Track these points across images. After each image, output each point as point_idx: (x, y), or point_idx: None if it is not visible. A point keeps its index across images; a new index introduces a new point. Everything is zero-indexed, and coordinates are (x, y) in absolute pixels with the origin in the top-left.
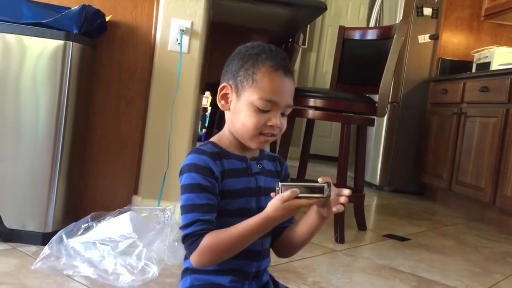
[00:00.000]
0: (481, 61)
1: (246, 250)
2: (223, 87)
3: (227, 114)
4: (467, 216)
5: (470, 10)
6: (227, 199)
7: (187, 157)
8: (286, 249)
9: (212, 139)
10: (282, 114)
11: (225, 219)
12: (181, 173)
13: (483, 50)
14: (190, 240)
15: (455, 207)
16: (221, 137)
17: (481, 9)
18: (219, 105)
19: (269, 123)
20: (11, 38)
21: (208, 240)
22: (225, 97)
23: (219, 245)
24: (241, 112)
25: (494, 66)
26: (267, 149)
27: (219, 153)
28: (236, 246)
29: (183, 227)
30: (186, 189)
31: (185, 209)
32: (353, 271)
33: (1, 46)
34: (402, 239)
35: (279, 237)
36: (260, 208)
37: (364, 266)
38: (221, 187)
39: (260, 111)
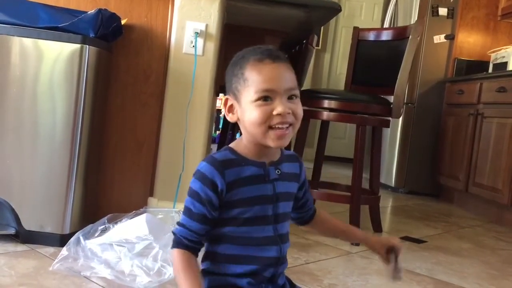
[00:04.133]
0: (498, 61)
1: (264, 257)
2: (226, 100)
3: (240, 125)
4: (485, 218)
5: (487, 10)
6: (239, 208)
7: (200, 162)
8: (312, 228)
9: (231, 144)
10: (290, 100)
11: (241, 228)
12: (193, 175)
13: (500, 50)
14: (174, 239)
15: (472, 209)
16: (239, 143)
17: (497, 8)
18: (228, 118)
19: (275, 112)
20: (28, 42)
21: (177, 257)
22: (231, 109)
23: (175, 269)
24: (246, 113)
25: (511, 66)
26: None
27: (234, 161)
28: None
29: (177, 223)
30: (189, 191)
31: (184, 209)
32: (369, 273)
33: (19, 50)
34: (418, 241)
35: (306, 220)
36: (277, 216)
37: (380, 268)
38: (230, 197)
39: (262, 104)
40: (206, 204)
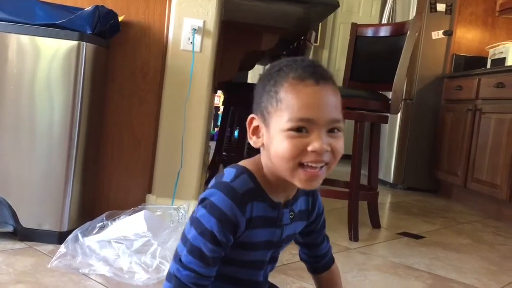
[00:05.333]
0: (496, 56)
1: (248, 280)
2: (251, 120)
3: (262, 152)
4: (483, 213)
5: (485, 6)
6: (244, 250)
7: (214, 189)
8: (315, 281)
9: (249, 165)
10: (330, 133)
11: (234, 267)
12: (201, 202)
13: (498, 45)
14: (177, 286)
15: (471, 205)
16: (258, 167)
17: (495, 4)
18: (252, 142)
19: (310, 148)
20: (25, 39)
21: None
22: (256, 131)
23: None
24: (273, 142)
25: (509, 62)
26: None
27: (253, 192)
28: None
29: (177, 263)
30: (198, 226)
31: (187, 246)
32: (368, 269)
33: (16, 47)
34: (417, 237)
35: (318, 268)
36: (272, 259)
37: (379, 264)
38: (242, 238)
39: (295, 135)
40: (222, 245)
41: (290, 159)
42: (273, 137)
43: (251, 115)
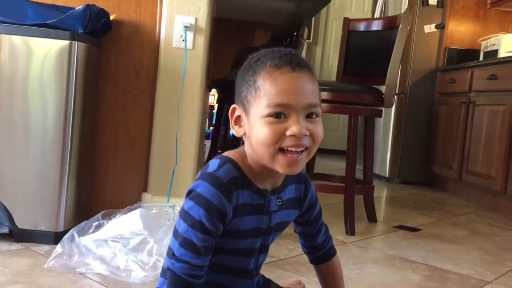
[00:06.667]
0: (489, 49)
1: (238, 268)
2: (233, 110)
3: (245, 142)
4: (479, 205)
5: None
6: (233, 238)
7: (199, 181)
8: (316, 271)
9: (234, 155)
10: (309, 118)
11: (224, 256)
12: (188, 194)
13: (490, 38)
14: (172, 279)
15: (466, 197)
16: (242, 157)
17: None
18: (234, 132)
19: (289, 133)
20: (17, 39)
21: None
22: (238, 121)
23: None
24: (254, 129)
25: (501, 54)
26: None
27: (239, 180)
28: None
29: (171, 256)
30: (187, 219)
31: (179, 240)
32: (365, 262)
33: (8, 47)
34: (413, 229)
35: (318, 258)
36: (263, 247)
37: (376, 257)
38: (230, 226)
39: (273, 121)
40: (212, 234)
41: (270, 144)
42: (253, 125)
43: (233, 105)
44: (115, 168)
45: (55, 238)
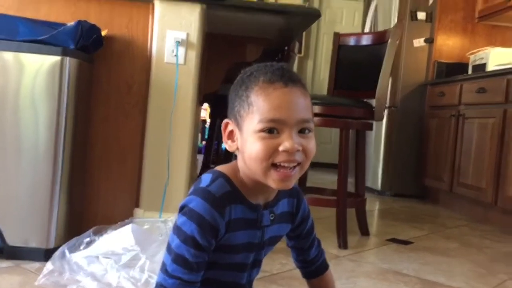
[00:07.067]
0: (477, 62)
1: (231, 282)
2: (226, 124)
3: (238, 156)
4: (470, 217)
5: (464, 13)
6: (225, 253)
7: (192, 196)
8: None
9: (226, 170)
10: (301, 134)
11: (217, 271)
12: (181, 210)
13: (478, 51)
14: None
15: (458, 209)
16: (235, 172)
17: (474, 11)
18: (227, 146)
19: (281, 148)
20: (8, 55)
21: None
22: (231, 136)
23: None
24: (246, 144)
25: (490, 67)
26: None
27: (231, 195)
28: None
29: (163, 272)
30: (180, 234)
31: (172, 255)
32: (357, 276)
33: None
34: (405, 242)
35: (310, 273)
36: (256, 261)
37: (368, 270)
38: (222, 241)
39: (267, 136)
40: (204, 249)
41: (263, 159)
42: (246, 140)
43: (226, 120)
44: (106, 183)
45: (46, 255)
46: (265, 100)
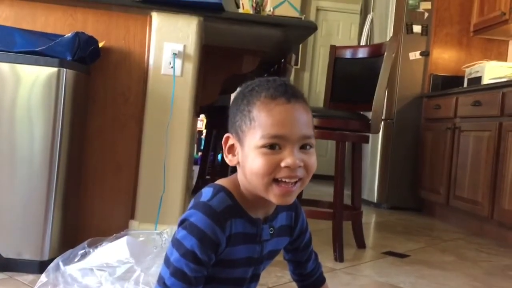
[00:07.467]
0: (472, 75)
1: None
2: (227, 139)
3: (238, 170)
4: (466, 230)
5: (459, 26)
6: (224, 268)
7: (193, 210)
8: None
9: (227, 184)
10: (303, 150)
11: (215, 285)
12: (181, 224)
13: (474, 65)
14: None
15: (454, 222)
16: (235, 186)
17: (469, 24)
18: (227, 160)
19: (283, 164)
20: (5, 67)
21: None
22: (231, 150)
23: None
24: (248, 160)
25: (485, 80)
26: None
27: (232, 209)
28: None
29: (161, 286)
30: (179, 248)
31: (170, 269)
32: None
33: None
34: (401, 255)
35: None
36: (254, 275)
37: (364, 284)
38: (222, 255)
39: (269, 152)
40: (204, 264)
41: (264, 175)
42: (247, 155)
43: (227, 134)
44: (102, 195)
45: (40, 267)
46: (267, 115)
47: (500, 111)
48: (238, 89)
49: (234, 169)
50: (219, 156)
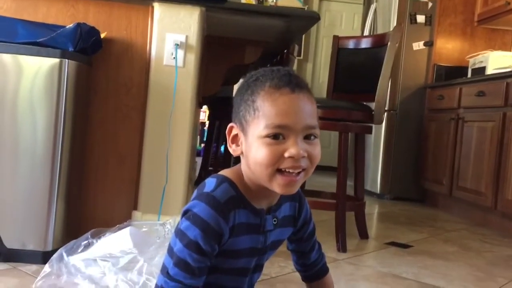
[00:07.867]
0: (476, 66)
1: (233, 287)
2: (231, 128)
3: (242, 161)
4: (469, 221)
5: (463, 16)
6: (228, 258)
7: (196, 201)
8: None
9: (230, 174)
10: (307, 140)
11: (218, 275)
12: (184, 214)
13: (478, 55)
14: None
15: (457, 213)
16: (239, 176)
17: (474, 14)
18: (231, 151)
19: (287, 154)
20: (7, 57)
21: None
22: (235, 140)
23: None
24: (251, 149)
25: (489, 71)
26: None
27: (235, 200)
28: None
29: (164, 275)
30: (183, 239)
31: (174, 259)
32: (356, 279)
33: None
34: (404, 246)
35: (309, 276)
36: (258, 266)
37: (367, 274)
38: (225, 246)
39: (272, 142)
40: (207, 254)
41: (268, 165)
42: (251, 145)
43: (230, 124)
44: (105, 186)
45: (44, 257)
46: (271, 105)
47: (504, 102)
48: (242, 79)
49: (236, 161)
50: (222, 147)
